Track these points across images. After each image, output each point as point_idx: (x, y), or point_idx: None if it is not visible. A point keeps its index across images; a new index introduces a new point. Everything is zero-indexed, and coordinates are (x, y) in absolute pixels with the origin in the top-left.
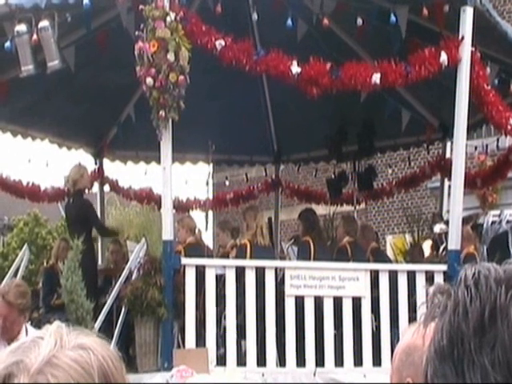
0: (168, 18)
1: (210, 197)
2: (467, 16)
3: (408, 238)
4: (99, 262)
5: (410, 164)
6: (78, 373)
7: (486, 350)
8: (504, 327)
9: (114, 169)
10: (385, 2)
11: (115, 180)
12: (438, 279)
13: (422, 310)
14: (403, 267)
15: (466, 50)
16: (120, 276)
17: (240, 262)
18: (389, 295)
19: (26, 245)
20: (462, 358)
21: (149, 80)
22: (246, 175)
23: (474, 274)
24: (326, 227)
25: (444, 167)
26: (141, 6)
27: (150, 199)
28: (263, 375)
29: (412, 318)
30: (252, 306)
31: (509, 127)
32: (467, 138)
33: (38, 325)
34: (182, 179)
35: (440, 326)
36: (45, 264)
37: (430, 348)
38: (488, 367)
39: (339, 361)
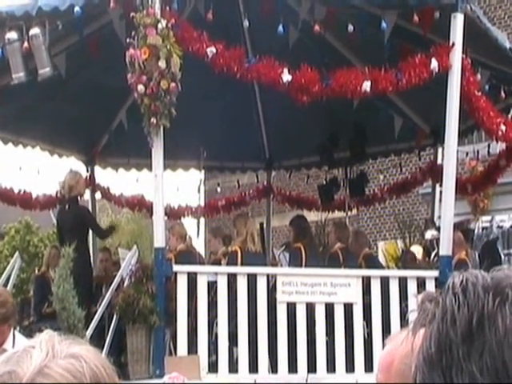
0: (159, 25)
1: (202, 203)
2: (458, 22)
3: (400, 243)
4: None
5: (401, 170)
6: (68, 381)
7: (475, 357)
8: (492, 334)
9: (105, 176)
10: (375, 9)
11: (107, 187)
12: (430, 285)
13: (412, 317)
14: (395, 273)
15: (456, 57)
16: (111, 283)
17: (232, 269)
18: (381, 301)
19: (17, 252)
20: (451, 365)
21: (140, 87)
22: (238, 182)
23: (462, 281)
24: (317, 233)
25: (435, 173)
26: (132, 14)
27: (141, 206)
28: (255, 382)
29: (404, 325)
30: (244, 313)
31: (500, 133)
32: (458, 144)
33: (29, 333)
34: (173, 186)
35: (428, 334)
36: (36, 272)
37: (418, 356)
38: (476, 374)
39: (331, 367)
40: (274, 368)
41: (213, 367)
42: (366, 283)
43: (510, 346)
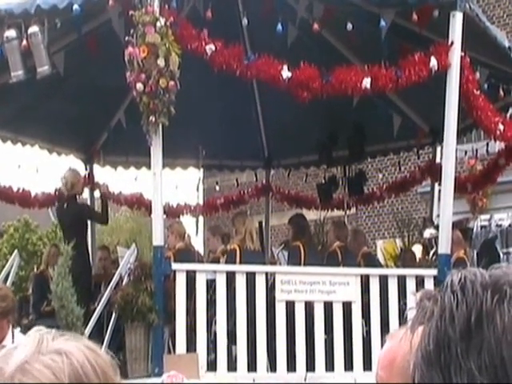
0: (158, 24)
1: (201, 202)
2: (457, 21)
3: (398, 242)
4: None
5: (400, 169)
6: (48, 379)
7: (473, 354)
8: (490, 332)
9: (104, 174)
10: (373, 7)
11: (106, 185)
12: (429, 284)
13: (411, 315)
14: (393, 272)
15: (455, 55)
16: (110, 282)
17: (231, 267)
18: (379, 300)
19: (16, 251)
20: (449, 362)
21: (139, 85)
22: (237, 180)
23: (461, 279)
24: (316, 232)
25: (434, 172)
26: (131, 12)
27: (140, 204)
28: (254, 380)
29: (402, 323)
30: (243, 311)
31: (498, 132)
32: (457, 143)
33: (27, 331)
34: (172, 184)
35: (427, 332)
36: (35, 270)
37: (417, 353)
38: (475, 372)
39: (330, 366)
40: (272, 366)
41: (211, 365)
42: (365, 282)
43: (509, 343)
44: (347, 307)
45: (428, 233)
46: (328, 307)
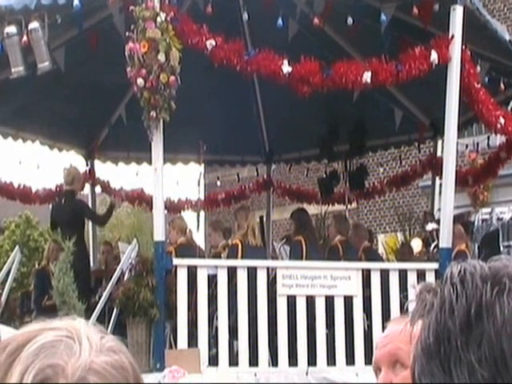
0: (158, 19)
1: (202, 197)
2: (457, 15)
3: (400, 236)
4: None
5: (401, 163)
6: (116, 378)
7: (473, 346)
8: (490, 324)
9: (105, 170)
10: (373, 1)
11: (107, 181)
12: (430, 278)
13: (411, 307)
14: (395, 266)
15: (456, 49)
16: (111, 277)
17: (232, 262)
18: (380, 294)
19: (17, 247)
20: (449, 355)
21: (140, 81)
22: (238, 175)
23: (460, 271)
24: (317, 226)
25: (435, 166)
26: (131, 7)
27: (141, 200)
28: (256, 375)
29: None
30: (244, 306)
31: (498, 125)
32: (458, 137)
33: None
34: (173, 180)
35: (427, 324)
36: (36, 266)
37: (416, 346)
38: (475, 364)
39: (331, 360)
40: (274, 361)
41: (213, 360)
42: (366, 276)
43: (508, 335)
44: (348, 301)
45: (430, 226)
46: (329, 301)
